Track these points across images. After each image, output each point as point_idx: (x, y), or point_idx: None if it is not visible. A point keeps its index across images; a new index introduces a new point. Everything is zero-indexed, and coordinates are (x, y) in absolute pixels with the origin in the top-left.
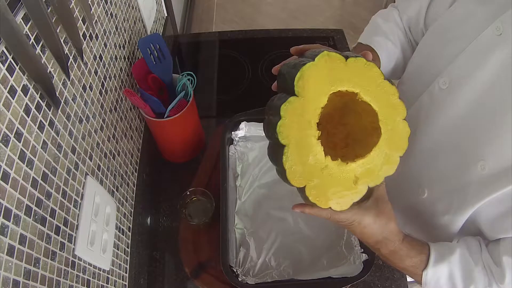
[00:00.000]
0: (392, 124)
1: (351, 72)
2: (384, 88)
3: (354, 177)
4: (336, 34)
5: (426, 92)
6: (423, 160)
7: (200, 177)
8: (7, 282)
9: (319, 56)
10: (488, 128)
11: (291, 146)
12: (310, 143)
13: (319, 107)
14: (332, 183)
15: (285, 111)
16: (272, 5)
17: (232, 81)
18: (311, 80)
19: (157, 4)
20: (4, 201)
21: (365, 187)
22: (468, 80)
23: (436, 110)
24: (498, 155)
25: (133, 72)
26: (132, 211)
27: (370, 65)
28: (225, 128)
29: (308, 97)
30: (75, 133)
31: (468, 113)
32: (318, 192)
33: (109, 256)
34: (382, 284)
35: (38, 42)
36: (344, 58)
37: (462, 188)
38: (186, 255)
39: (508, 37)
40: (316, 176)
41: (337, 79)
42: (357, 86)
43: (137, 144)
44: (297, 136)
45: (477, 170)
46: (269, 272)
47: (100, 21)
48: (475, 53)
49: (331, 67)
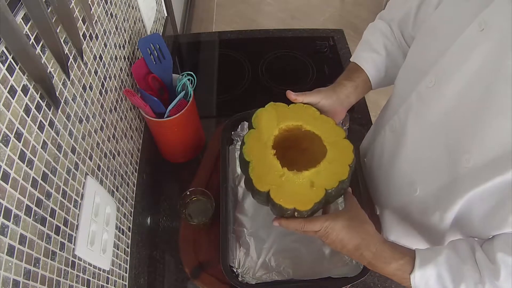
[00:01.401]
0: (335, 142)
1: (293, 112)
2: (322, 120)
3: (310, 182)
4: (336, 34)
5: (414, 91)
6: (415, 159)
7: (200, 177)
8: (7, 282)
9: (268, 104)
10: (471, 122)
11: (254, 161)
12: (269, 158)
13: (272, 135)
14: (291, 187)
15: (246, 138)
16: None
17: (232, 81)
18: (263, 118)
19: (157, 4)
20: (4, 201)
21: (322, 189)
22: (453, 77)
23: (424, 108)
24: (482, 148)
25: (133, 72)
26: (132, 211)
27: (307, 106)
28: (225, 128)
29: (261, 129)
30: (75, 133)
31: (452, 108)
32: (280, 194)
33: (109, 256)
34: (382, 284)
35: (38, 42)
36: (287, 105)
37: (450, 183)
38: (186, 255)
39: (490, 32)
40: (276, 182)
41: (283, 117)
42: (300, 120)
43: (137, 144)
44: (258, 154)
45: (462, 164)
46: (269, 272)
47: (100, 21)
48: (459, 50)
49: (278, 110)
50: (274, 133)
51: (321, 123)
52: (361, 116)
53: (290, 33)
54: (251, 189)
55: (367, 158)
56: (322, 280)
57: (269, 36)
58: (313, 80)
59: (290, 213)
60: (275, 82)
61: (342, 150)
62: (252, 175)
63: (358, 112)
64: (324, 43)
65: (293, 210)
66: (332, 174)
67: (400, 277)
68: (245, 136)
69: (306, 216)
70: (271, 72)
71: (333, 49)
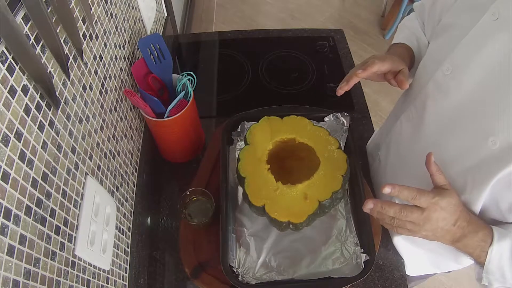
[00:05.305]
0: (328, 153)
1: (287, 125)
2: (315, 131)
3: (304, 194)
4: (336, 34)
5: (431, 80)
6: (435, 146)
7: (200, 177)
8: (7, 282)
9: (261, 119)
10: (494, 106)
11: (249, 177)
12: (263, 173)
13: (266, 150)
14: (285, 200)
15: (241, 154)
16: (272, 5)
17: (232, 81)
18: (257, 133)
19: (157, 4)
20: (4, 201)
21: (315, 201)
22: (470, 64)
23: (442, 95)
24: (508, 129)
25: (133, 72)
26: (132, 211)
27: (300, 118)
28: (225, 128)
29: (256, 145)
30: (75, 133)
31: (473, 94)
32: (275, 208)
33: (109, 256)
34: (382, 284)
35: (38, 42)
36: (280, 118)
37: (476, 166)
38: (186, 255)
39: (505, 21)
40: (271, 197)
41: (276, 131)
42: (293, 133)
43: (137, 144)
44: (252, 170)
45: (488, 146)
46: (269, 272)
47: (100, 21)
48: (474, 39)
49: (271, 124)
50: (268, 148)
51: (315, 134)
52: (361, 116)
53: (290, 33)
54: (248, 203)
55: (381, 151)
56: (322, 280)
57: (269, 36)
58: (313, 80)
59: (285, 225)
60: (275, 82)
61: (335, 161)
62: (248, 190)
63: (358, 112)
64: (324, 43)
65: (288, 222)
66: (325, 185)
67: (481, 250)
68: (240, 152)
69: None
70: (271, 72)
71: (333, 49)
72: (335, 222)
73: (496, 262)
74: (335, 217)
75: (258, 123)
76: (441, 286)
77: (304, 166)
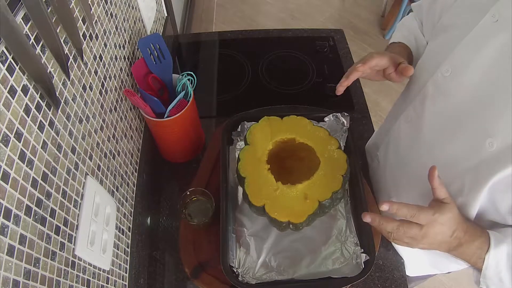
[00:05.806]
0: (328, 153)
1: (286, 125)
2: (315, 131)
3: (304, 194)
4: (336, 34)
5: (430, 81)
6: (434, 147)
7: (200, 177)
8: (7, 282)
9: (261, 119)
10: (492, 107)
11: (249, 177)
12: (263, 173)
13: (266, 150)
14: (285, 200)
15: (241, 154)
16: (272, 5)
17: (232, 81)
18: (257, 134)
19: (157, 4)
20: (4, 201)
21: (315, 201)
22: (469, 65)
23: (441, 96)
24: (505, 131)
25: (133, 72)
26: (132, 211)
27: (300, 118)
28: (225, 128)
29: (256, 145)
30: (75, 133)
31: (472, 95)
32: (275, 208)
33: (109, 256)
34: (382, 284)
35: (38, 42)
36: (280, 118)
37: (473, 168)
38: (186, 255)
39: (505, 22)
40: (271, 197)
41: (276, 131)
42: (293, 133)
43: (137, 144)
44: (252, 170)
45: (485, 148)
46: (269, 272)
47: (100, 21)
48: (474, 40)
49: (271, 124)
50: (268, 148)
51: (315, 134)
52: (361, 116)
53: (290, 33)
54: (248, 203)
55: (380, 151)
56: (322, 280)
57: (269, 36)
58: (313, 80)
59: (285, 225)
60: (275, 82)
61: (335, 161)
62: (248, 190)
63: (358, 112)
64: (324, 43)
65: (288, 222)
66: (325, 185)
67: (477, 257)
68: (240, 152)
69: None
70: (271, 72)
71: (333, 49)
72: (335, 222)
73: (493, 268)
74: (335, 217)
75: (258, 123)
76: (441, 286)
77: (304, 166)
